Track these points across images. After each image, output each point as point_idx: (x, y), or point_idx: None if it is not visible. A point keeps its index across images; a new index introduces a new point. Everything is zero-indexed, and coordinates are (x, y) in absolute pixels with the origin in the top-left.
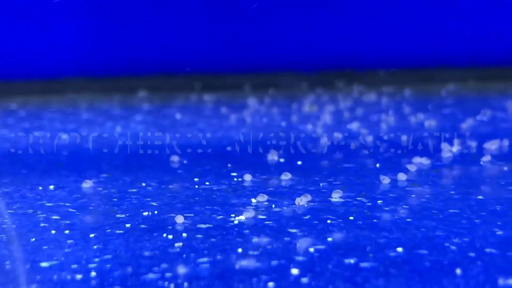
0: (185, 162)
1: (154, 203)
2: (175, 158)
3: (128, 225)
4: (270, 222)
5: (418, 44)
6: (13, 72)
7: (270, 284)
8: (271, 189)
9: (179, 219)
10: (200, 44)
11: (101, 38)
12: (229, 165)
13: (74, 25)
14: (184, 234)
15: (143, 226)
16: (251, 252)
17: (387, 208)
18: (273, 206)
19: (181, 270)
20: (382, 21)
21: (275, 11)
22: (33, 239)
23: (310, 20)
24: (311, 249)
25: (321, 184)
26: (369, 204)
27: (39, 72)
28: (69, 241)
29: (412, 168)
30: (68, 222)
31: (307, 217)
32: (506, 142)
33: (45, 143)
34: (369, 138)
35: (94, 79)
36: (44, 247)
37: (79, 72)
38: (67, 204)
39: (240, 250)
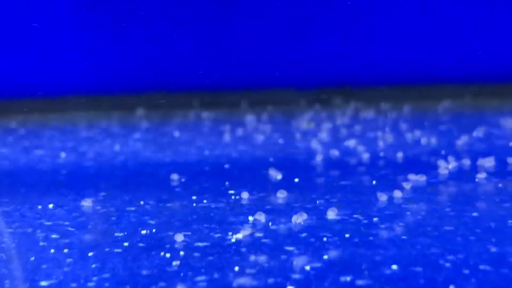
0: (183, 180)
1: (152, 222)
2: (174, 176)
3: (126, 244)
4: (267, 240)
5: (415, 61)
6: (12, 90)
7: None
8: (268, 206)
9: (179, 237)
10: (198, 61)
11: (100, 56)
12: (226, 183)
13: (73, 43)
14: (182, 253)
15: (141, 244)
16: (248, 270)
17: (382, 226)
18: (270, 224)
19: None
20: (379, 38)
21: (272, 28)
22: (33, 258)
23: (307, 37)
24: (307, 267)
25: (317, 202)
26: (365, 221)
27: (39, 90)
28: (68, 260)
29: (408, 185)
30: (67, 241)
31: (303, 234)
32: (501, 159)
33: (44, 161)
34: (366, 155)
35: (93, 97)
36: (43, 266)
37: (78, 90)
38: (66, 223)
39: (237, 268)
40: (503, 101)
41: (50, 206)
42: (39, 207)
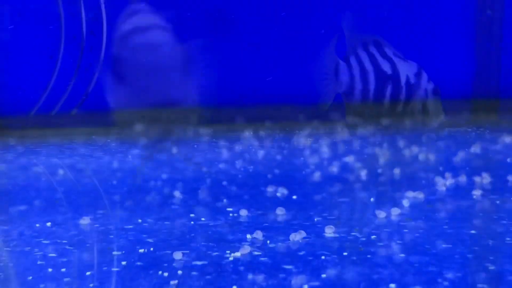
0: (181, 197)
1: (150, 240)
2: (172, 193)
3: (124, 263)
4: (265, 259)
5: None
6: (11, 107)
7: None
8: (267, 224)
9: (177, 255)
10: (197, 77)
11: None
12: (225, 200)
13: (73, 59)
14: (180, 271)
15: (139, 263)
16: None
17: (381, 243)
18: (268, 242)
19: None
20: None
21: (271, 44)
22: (30, 277)
23: (306, 52)
24: (306, 286)
25: (315, 219)
26: (363, 239)
27: (38, 106)
28: (65, 279)
29: (405, 202)
30: (64, 259)
31: (302, 253)
32: (499, 176)
33: (42, 179)
34: (364, 172)
35: (92, 113)
36: (41, 286)
37: (77, 106)
38: (64, 241)
39: (235, 287)
40: (501, 117)
41: (48, 224)
42: (37, 225)
